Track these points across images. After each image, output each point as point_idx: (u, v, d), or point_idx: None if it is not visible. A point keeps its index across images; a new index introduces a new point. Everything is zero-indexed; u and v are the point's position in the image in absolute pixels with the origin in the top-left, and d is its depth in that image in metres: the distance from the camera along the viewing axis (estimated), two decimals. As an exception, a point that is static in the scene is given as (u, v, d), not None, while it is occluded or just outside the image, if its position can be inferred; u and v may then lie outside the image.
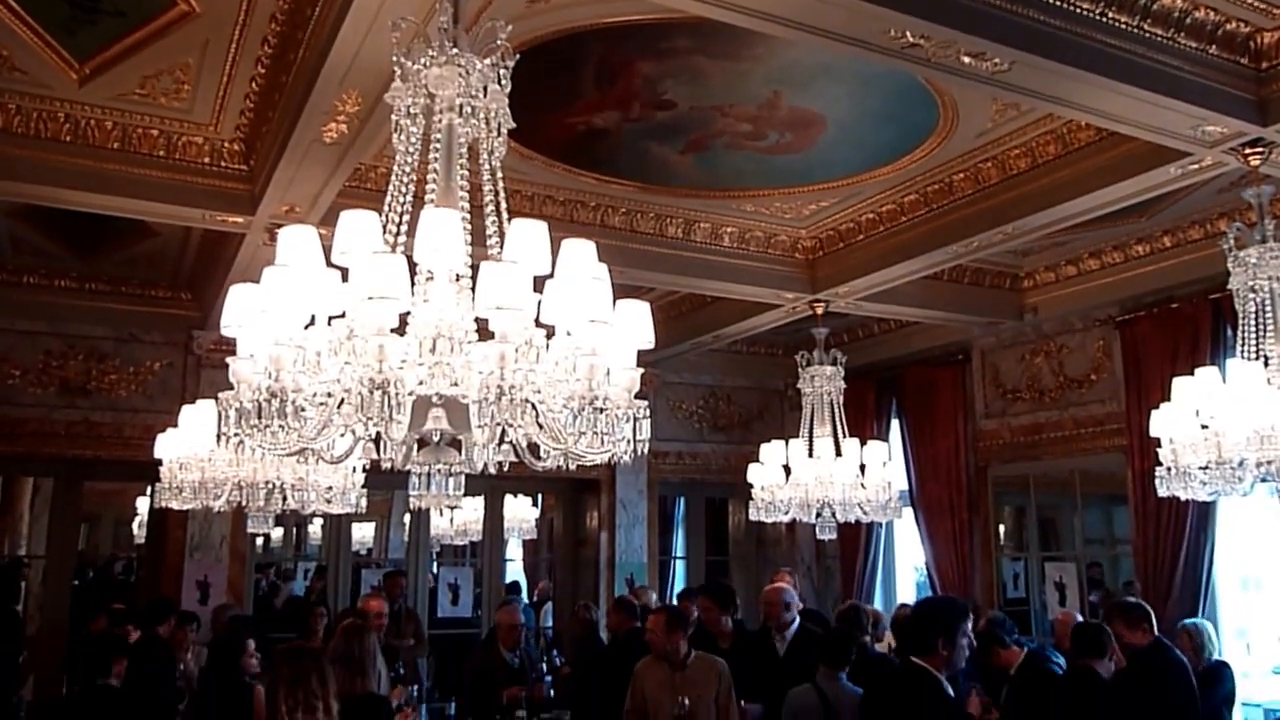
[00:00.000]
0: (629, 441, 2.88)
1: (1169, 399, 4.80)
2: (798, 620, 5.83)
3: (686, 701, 4.70)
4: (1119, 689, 5.11)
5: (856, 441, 6.52)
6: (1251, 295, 4.46)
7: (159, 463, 5.47)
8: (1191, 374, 4.60)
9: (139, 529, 10.02)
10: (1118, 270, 6.98)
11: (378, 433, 2.87)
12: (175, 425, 5.53)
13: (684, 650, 4.96)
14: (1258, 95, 4.24)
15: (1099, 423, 7.31)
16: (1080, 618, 6.21)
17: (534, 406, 2.71)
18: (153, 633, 6.20)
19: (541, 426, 2.77)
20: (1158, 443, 4.94)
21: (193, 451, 5.28)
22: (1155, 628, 5.27)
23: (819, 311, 6.94)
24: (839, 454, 6.48)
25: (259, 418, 2.62)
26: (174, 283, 7.66)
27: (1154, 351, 6.79)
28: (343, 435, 2.93)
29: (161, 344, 7.79)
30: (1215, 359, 6.03)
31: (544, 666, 6.85)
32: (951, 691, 3.95)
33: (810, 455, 6.48)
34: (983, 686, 5.22)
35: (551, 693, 6.51)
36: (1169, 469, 4.83)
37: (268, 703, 3.83)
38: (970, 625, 5.72)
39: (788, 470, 6.48)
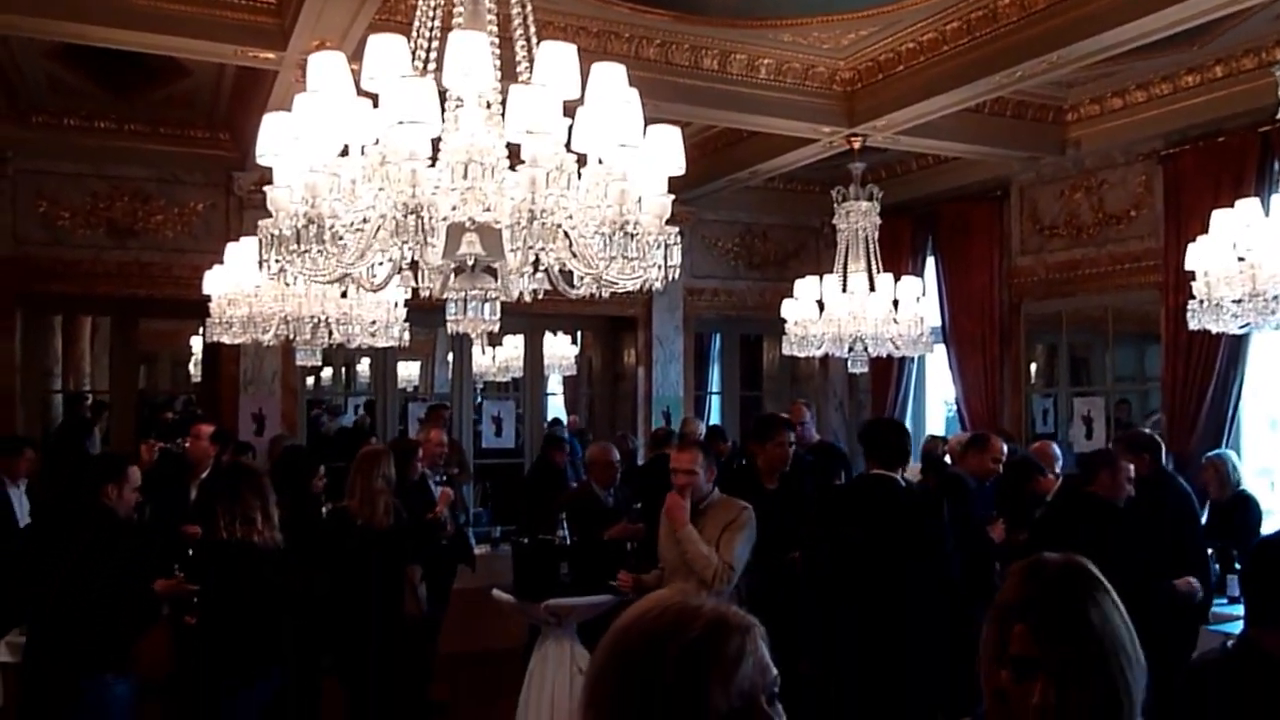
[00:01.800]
0: (660, 268, 2.97)
1: (1208, 234, 4.77)
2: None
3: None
4: (1124, 517, 5.30)
5: (890, 277, 6.55)
6: (1301, 124, 4.36)
7: (208, 299, 5.68)
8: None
9: (195, 368, 10.44)
10: (1165, 102, 6.76)
11: (415, 261, 3.00)
12: (222, 264, 5.71)
13: (703, 490, 4.37)
14: (1324, -95, 4.02)
15: (1136, 259, 7.25)
16: (1056, 449, 6.35)
17: (566, 234, 2.79)
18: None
19: (575, 255, 2.86)
20: (1193, 276, 4.95)
21: (239, 287, 5.46)
22: (1160, 459, 5.39)
23: (856, 146, 6.84)
24: (873, 289, 6.52)
25: (298, 243, 2.72)
26: (211, 123, 7.70)
27: (1197, 186, 6.65)
28: (381, 264, 3.06)
29: (203, 185, 7.90)
30: (1260, 194, 5.90)
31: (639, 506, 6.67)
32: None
33: (844, 291, 6.54)
34: (1014, 514, 5.45)
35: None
36: (1201, 302, 4.87)
37: (205, 518, 4.26)
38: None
39: (821, 306, 6.55)
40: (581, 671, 4.69)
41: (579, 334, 10.59)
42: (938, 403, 9.47)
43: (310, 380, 9.66)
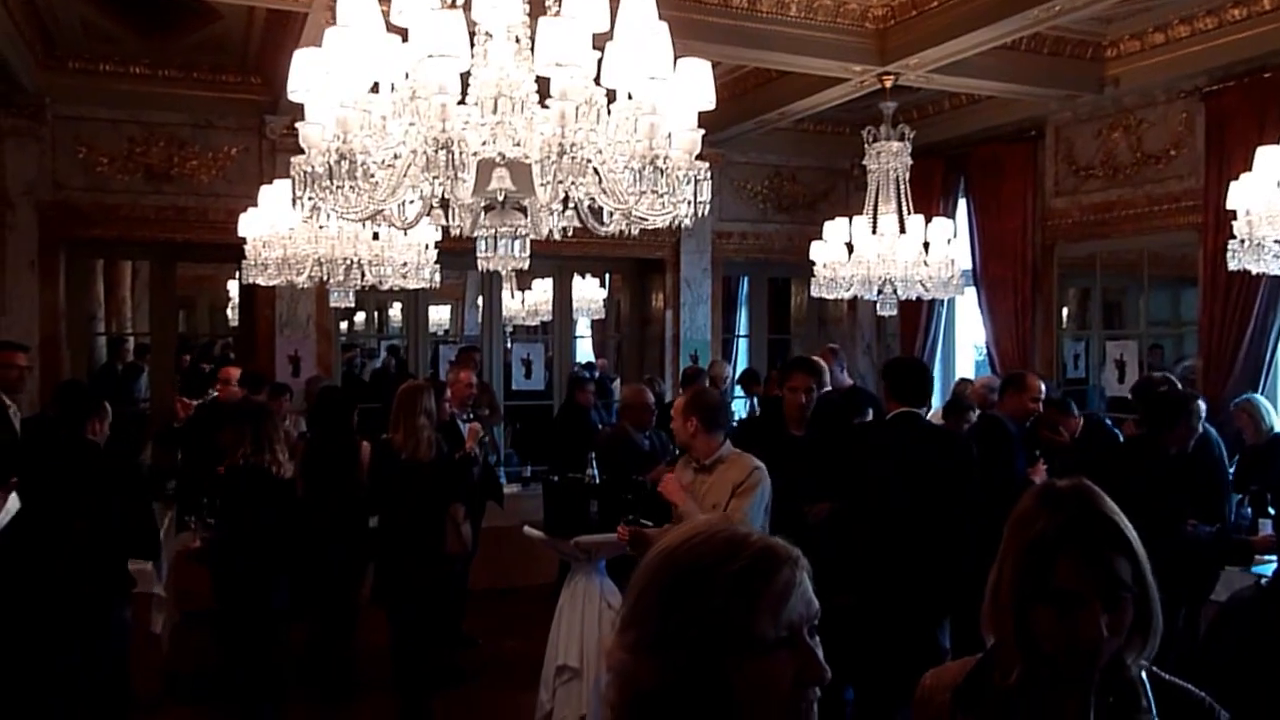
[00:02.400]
0: (690, 203, 2.98)
1: (1252, 172, 4.69)
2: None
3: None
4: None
5: (921, 219, 6.49)
6: (1348, 58, 4.25)
7: (244, 242, 5.77)
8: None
9: (233, 312, 10.62)
10: (1210, 37, 6.56)
11: (445, 199, 3.03)
12: (256, 206, 5.79)
13: (711, 445, 3.99)
14: None
15: (1175, 199, 7.13)
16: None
17: (596, 170, 2.81)
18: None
19: (605, 190, 2.88)
20: (1234, 216, 4.88)
21: (274, 229, 5.54)
22: None
23: (888, 85, 6.73)
24: (903, 231, 6.48)
25: (330, 180, 2.76)
26: (243, 67, 7.73)
27: (1240, 124, 6.50)
28: (412, 202, 3.10)
29: (236, 129, 7.96)
30: (1306, 132, 5.78)
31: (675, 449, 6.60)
32: None
33: (874, 232, 6.50)
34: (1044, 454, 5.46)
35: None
36: (1242, 241, 4.82)
37: (229, 448, 4.43)
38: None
39: (850, 248, 6.52)
40: (611, 606, 4.79)
41: (607, 277, 10.62)
42: (967, 346, 9.43)
43: (344, 325, 9.80)
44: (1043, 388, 5.83)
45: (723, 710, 1.12)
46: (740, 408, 8.89)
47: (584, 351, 11.08)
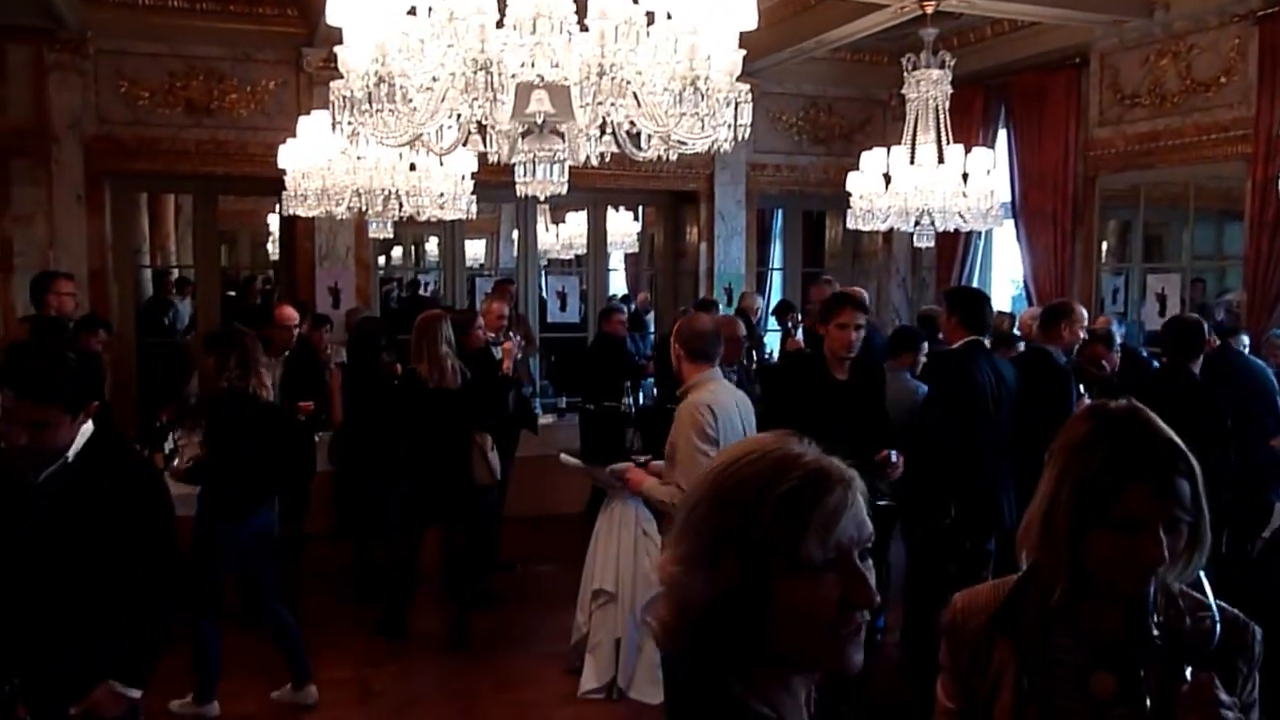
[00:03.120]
0: (730, 127, 2.97)
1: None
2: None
3: None
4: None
5: (960, 149, 6.40)
6: None
7: (283, 174, 5.83)
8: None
9: (273, 246, 10.77)
10: (1266, -44, 6.37)
11: (483, 125, 3.05)
12: (295, 138, 5.83)
13: (689, 378, 3.87)
14: None
15: (1223, 129, 6.95)
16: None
17: (634, 94, 2.80)
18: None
19: (645, 116, 2.87)
20: (1287, 142, 4.78)
21: (313, 161, 5.60)
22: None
23: (928, 10, 6.57)
24: (941, 161, 6.39)
25: (369, 104, 2.79)
26: (279, 0, 7.75)
27: (1295, 49, 6.32)
28: (450, 128, 3.12)
29: (274, 62, 7.98)
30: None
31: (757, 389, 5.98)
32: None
33: (912, 163, 6.41)
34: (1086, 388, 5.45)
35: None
36: (1296, 170, 4.73)
37: (213, 373, 4.41)
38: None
39: (888, 179, 6.46)
40: (646, 534, 4.87)
41: (641, 210, 10.59)
42: (1004, 280, 9.34)
43: (381, 259, 9.91)
44: (1085, 315, 5.75)
45: (771, 628, 1.13)
46: (773, 340, 8.89)
47: (618, 284, 11.12)
